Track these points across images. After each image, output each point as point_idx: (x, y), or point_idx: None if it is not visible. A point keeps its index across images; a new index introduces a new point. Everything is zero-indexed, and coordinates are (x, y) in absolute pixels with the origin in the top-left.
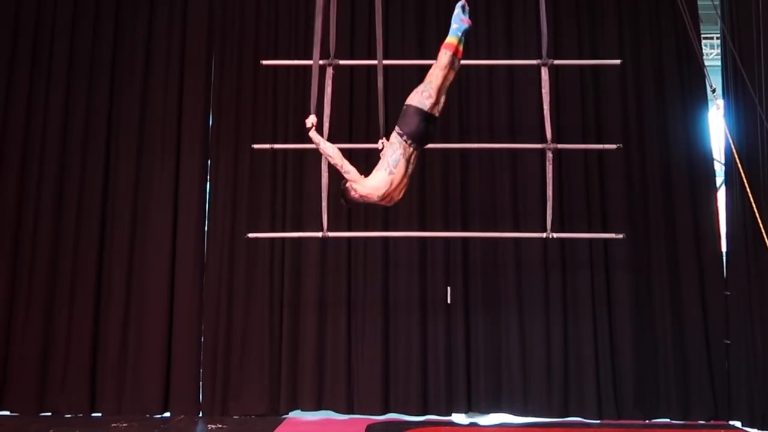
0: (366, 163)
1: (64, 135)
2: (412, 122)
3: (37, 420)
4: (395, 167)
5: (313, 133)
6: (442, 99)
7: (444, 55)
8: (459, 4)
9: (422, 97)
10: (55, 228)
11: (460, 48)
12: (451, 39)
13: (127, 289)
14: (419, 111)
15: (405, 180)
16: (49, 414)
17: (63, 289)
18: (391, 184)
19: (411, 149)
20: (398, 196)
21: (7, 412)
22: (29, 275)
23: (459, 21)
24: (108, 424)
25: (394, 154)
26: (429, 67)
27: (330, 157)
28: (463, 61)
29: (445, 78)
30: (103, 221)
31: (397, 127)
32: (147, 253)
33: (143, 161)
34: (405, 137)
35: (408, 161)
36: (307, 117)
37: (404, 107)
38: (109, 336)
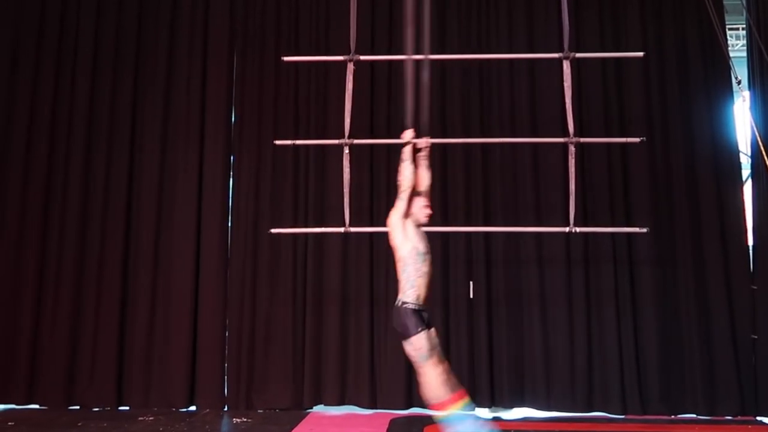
0: (388, 158)
1: (89, 132)
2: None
3: (65, 413)
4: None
5: (408, 149)
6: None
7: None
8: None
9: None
10: (82, 223)
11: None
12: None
13: (153, 284)
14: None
15: None
16: (78, 407)
17: (90, 284)
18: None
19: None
20: None
21: (36, 406)
22: (57, 270)
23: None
24: (135, 417)
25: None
26: (451, 61)
27: (401, 178)
28: (484, 56)
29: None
30: (128, 216)
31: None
32: (172, 249)
33: (167, 158)
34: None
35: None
36: (405, 130)
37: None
38: (136, 330)
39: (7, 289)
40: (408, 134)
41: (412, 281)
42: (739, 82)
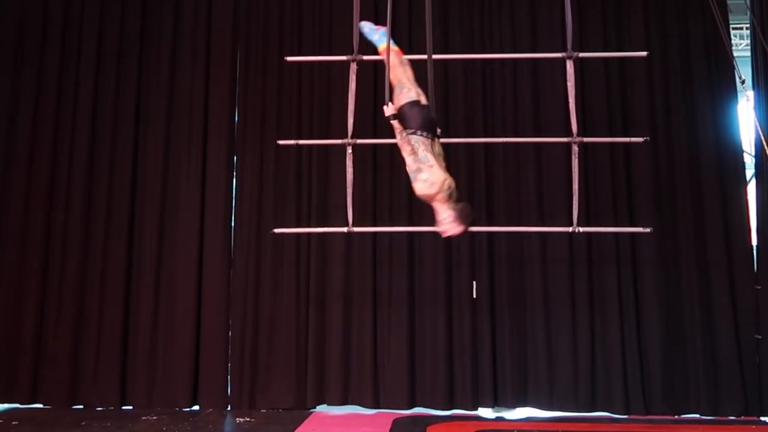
0: (391, 158)
1: (92, 132)
2: (413, 115)
3: (69, 413)
4: (428, 162)
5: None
6: (420, 90)
7: (389, 58)
8: (363, 28)
9: (403, 95)
10: (85, 222)
11: (395, 47)
12: (383, 45)
13: (156, 284)
14: (411, 103)
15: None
16: (81, 407)
17: (93, 283)
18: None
19: (428, 140)
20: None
21: (40, 405)
22: (60, 270)
23: (375, 33)
24: (138, 416)
25: (420, 153)
26: (454, 61)
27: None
28: (486, 55)
29: (405, 73)
30: (131, 216)
31: (404, 133)
32: (175, 248)
33: (170, 158)
34: (417, 132)
35: (434, 153)
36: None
37: (398, 113)
38: (139, 330)
39: (10, 288)
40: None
41: (409, 150)
42: (743, 82)
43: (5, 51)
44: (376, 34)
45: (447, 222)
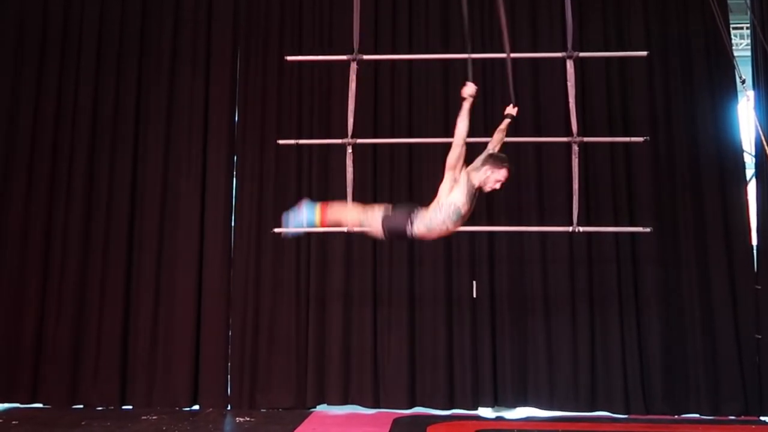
0: (391, 157)
1: (93, 133)
2: (395, 221)
3: (69, 412)
4: (451, 199)
5: (466, 105)
6: (371, 205)
7: (340, 216)
8: (288, 226)
9: (373, 222)
10: (86, 222)
11: (324, 206)
12: (318, 215)
13: (156, 284)
14: (384, 219)
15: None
16: (81, 406)
17: (94, 283)
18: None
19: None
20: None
21: (40, 405)
22: (60, 270)
23: (301, 216)
24: (139, 416)
25: (436, 217)
26: (454, 60)
27: (456, 131)
28: (486, 54)
29: (351, 211)
30: (132, 217)
31: (410, 229)
32: (175, 248)
33: (170, 158)
34: (413, 221)
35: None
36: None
37: (388, 232)
38: (139, 330)
39: (11, 288)
40: (469, 89)
41: (429, 223)
42: (743, 82)
43: (5, 51)
44: (303, 214)
45: (491, 175)
